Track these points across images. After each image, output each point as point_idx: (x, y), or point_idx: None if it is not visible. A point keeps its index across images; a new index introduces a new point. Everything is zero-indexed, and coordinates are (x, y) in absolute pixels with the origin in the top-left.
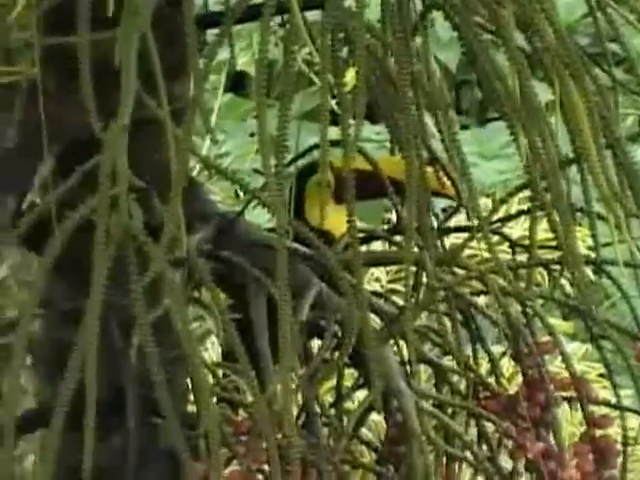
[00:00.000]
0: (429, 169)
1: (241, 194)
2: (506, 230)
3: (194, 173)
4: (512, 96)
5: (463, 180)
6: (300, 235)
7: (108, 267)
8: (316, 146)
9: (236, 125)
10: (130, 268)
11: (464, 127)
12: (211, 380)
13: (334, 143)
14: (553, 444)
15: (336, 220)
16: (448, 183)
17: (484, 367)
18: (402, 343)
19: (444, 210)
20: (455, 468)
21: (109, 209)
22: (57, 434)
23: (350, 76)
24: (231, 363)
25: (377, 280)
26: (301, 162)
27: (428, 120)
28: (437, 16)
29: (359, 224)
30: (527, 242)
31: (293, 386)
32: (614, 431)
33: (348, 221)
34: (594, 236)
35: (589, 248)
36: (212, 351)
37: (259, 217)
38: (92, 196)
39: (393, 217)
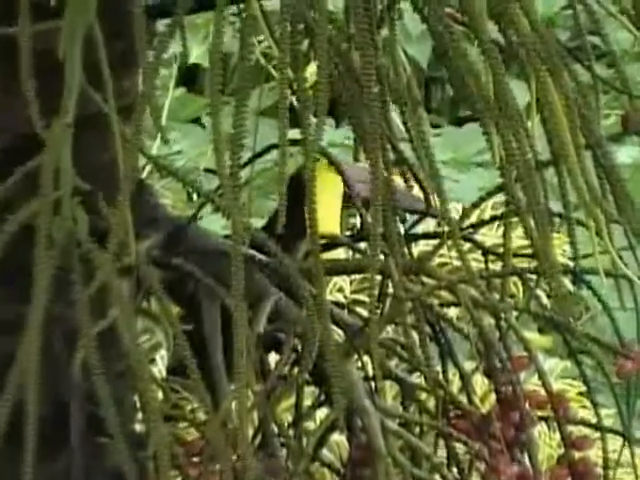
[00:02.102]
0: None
1: (195, 197)
2: (478, 237)
3: (144, 174)
4: (485, 93)
5: (432, 183)
6: (257, 241)
7: (51, 275)
8: (275, 146)
9: (190, 123)
10: (74, 276)
11: (435, 126)
12: (160, 397)
13: (295, 142)
14: (529, 467)
15: (328, 221)
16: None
17: (455, 384)
18: (366, 358)
19: (412, 212)
20: None
21: (51, 213)
22: None
23: (311, 71)
24: (182, 379)
25: (340, 290)
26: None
27: (396, 119)
28: (407, 8)
29: (321, 230)
30: (501, 250)
31: (249, 404)
32: (594, 453)
33: (309, 226)
34: (573, 243)
35: (567, 257)
36: (162, 365)
37: (215, 223)
38: (34, 198)
39: (357, 222)
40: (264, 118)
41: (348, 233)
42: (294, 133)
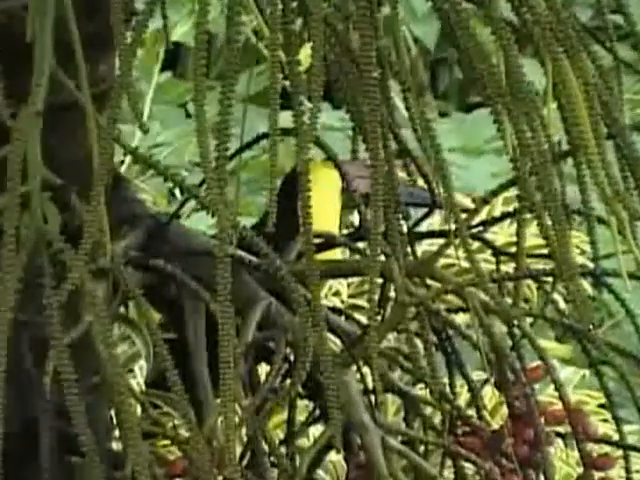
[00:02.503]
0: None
1: (178, 193)
2: (489, 235)
3: (122, 168)
4: (496, 77)
5: (438, 175)
6: (245, 241)
7: (19, 278)
8: (265, 135)
9: (174, 111)
10: (45, 279)
11: (442, 115)
12: (139, 412)
13: (287, 131)
14: None
15: (326, 219)
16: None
17: (463, 397)
18: (366, 369)
19: (417, 205)
20: None
21: (19, 209)
22: None
23: (305, 53)
24: (163, 392)
25: (336, 294)
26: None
27: (398, 104)
28: None
29: (318, 229)
30: (513, 250)
31: (237, 419)
32: (616, 473)
33: (302, 224)
34: (592, 243)
35: (587, 257)
36: (141, 377)
37: (201, 221)
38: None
39: (355, 220)
40: (253, 105)
41: (346, 232)
42: (286, 120)
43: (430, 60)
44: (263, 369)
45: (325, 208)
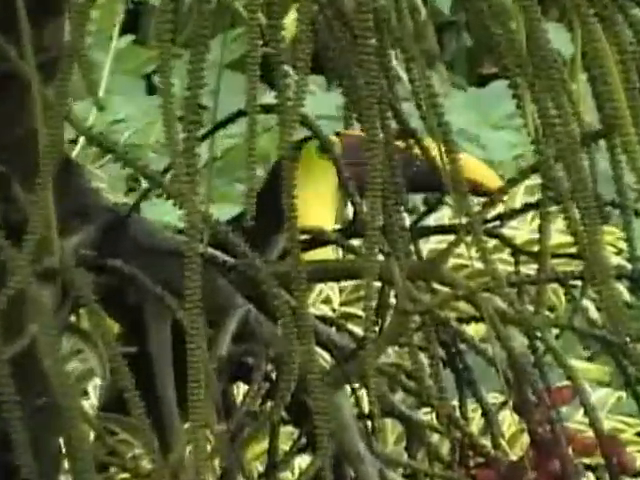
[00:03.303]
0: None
1: (143, 181)
2: (507, 231)
3: (73, 152)
4: (516, 44)
5: (447, 160)
6: (220, 237)
7: None
8: (242, 113)
9: (136, 82)
10: None
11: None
12: (93, 439)
13: (268, 108)
14: None
15: (320, 213)
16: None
17: (476, 423)
18: (361, 389)
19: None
20: None
21: None
22: None
23: (291, 18)
24: (121, 416)
25: (327, 301)
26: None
27: (401, 75)
28: None
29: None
30: (536, 248)
31: (208, 449)
32: None
33: (287, 218)
34: (629, 240)
35: (623, 257)
36: (95, 398)
37: (166, 213)
38: None
39: (349, 213)
40: (229, 73)
41: (338, 227)
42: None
43: (435, 24)
44: (240, 389)
45: (319, 203)
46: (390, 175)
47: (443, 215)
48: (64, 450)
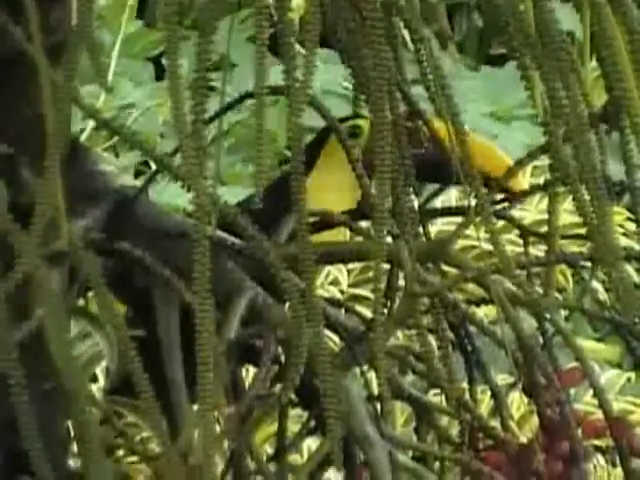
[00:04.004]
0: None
1: (152, 164)
2: (515, 213)
3: (83, 135)
4: (524, 25)
5: (456, 141)
6: (228, 220)
7: None
8: (250, 95)
9: (145, 65)
10: None
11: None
12: (102, 423)
13: (277, 90)
14: None
15: (338, 199)
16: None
17: (485, 405)
18: (370, 372)
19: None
20: None
21: None
22: None
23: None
24: (130, 399)
25: (335, 283)
26: None
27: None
28: None
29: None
30: (545, 229)
31: (217, 431)
32: None
33: (295, 200)
34: (638, 221)
35: (632, 238)
36: (104, 382)
37: (176, 196)
38: None
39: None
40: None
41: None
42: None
43: (446, 5)
44: (249, 372)
45: (338, 188)
46: (399, 157)
47: (450, 197)
48: (72, 434)
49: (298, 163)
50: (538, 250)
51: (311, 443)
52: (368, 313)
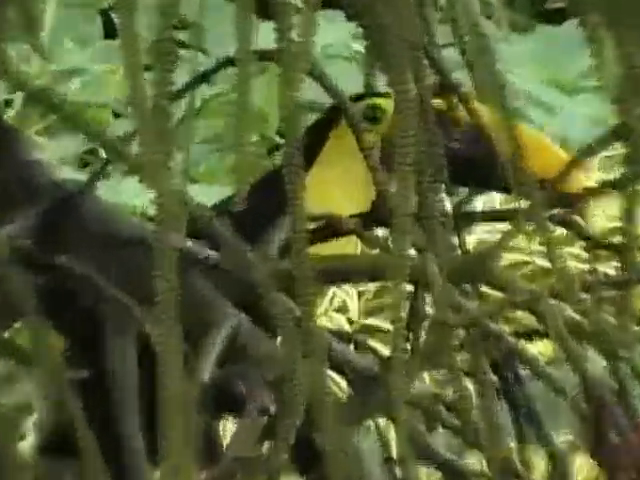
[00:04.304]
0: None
1: (102, 152)
2: (578, 218)
3: (9, 112)
4: None
5: (502, 128)
6: (202, 226)
7: None
8: (229, 62)
9: (90, 20)
10: None
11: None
12: None
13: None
14: None
15: (347, 197)
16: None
17: (540, 471)
18: (388, 427)
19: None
20: None
21: None
22: None
23: None
24: (68, 460)
25: (342, 310)
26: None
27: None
28: None
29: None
30: (618, 240)
31: None
32: None
33: (291, 201)
34: None
35: None
36: (35, 439)
37: (133, 192)
38: None
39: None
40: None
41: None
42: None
43: None
44: (229, 425)
45: (348, 184)
46: (426, 144)
47: (493, 198)
48: None
49: (294, 151)
50: (610, 267)
51: None
52: (385, 349)
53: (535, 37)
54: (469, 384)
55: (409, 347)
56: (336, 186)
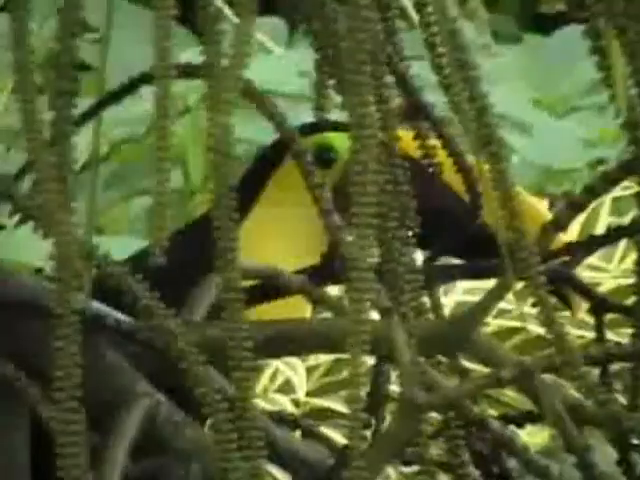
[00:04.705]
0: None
1: None
2: (585, 274)
3: None
4: None
5: (482, 154)
6: (111, 284)
7: None
8: (145, 78)
9: None
10: None
11: (499, 37)
12: None
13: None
14: None
15: (291, 252)
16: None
17: None
18: None
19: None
20: None
21: None
22: None
23: None
24: None
25: (286, 389)
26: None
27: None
28: None
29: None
30: (630, 301)
31: None
32: None
33: (218, 255)
34: None
35: None
36: None
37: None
38: None
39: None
40: (136, 10)
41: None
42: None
43: None
44: None
45: (296, 234)
46: (390, 180)
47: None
48: None
49: (226, 193)
50: (620, 335)
51: None
52: (340, 438)
53: (521, 48)
54: None
55: (370, 435)
56: (279, 234)
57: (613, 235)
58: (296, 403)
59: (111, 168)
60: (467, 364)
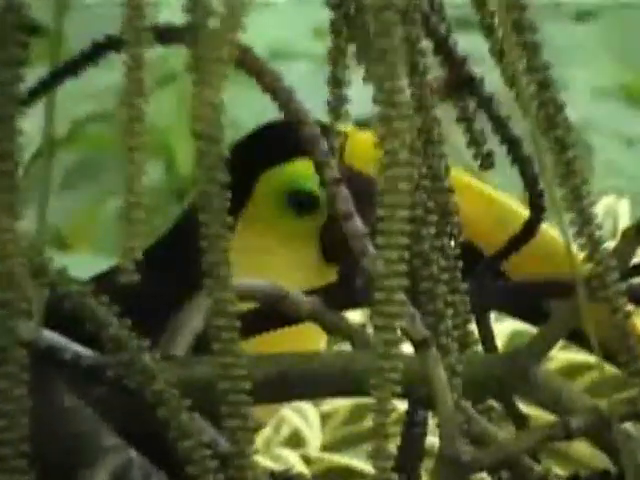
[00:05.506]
0: None
1: None
2: None
3: None
4: None
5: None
6: (69, 308)
7: None
8: (107, 45)
9: None
10: None
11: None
12: None
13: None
14: None
15: (296, 267)
16: None
17: None
18: None
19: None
20: None
21: None
22: None
23: None
24: None
25: (295, 442)
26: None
27: None
28: None
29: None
30: None
31: None
32: None
33: (205, 270)
34: None
35: None
36: None
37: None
38: None
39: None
40: None
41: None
42: None
43: None
44: None
45: (303, 247)
46: (427, 175)
47: None
48: None
49: (214, 191)
50: None
51: None
52: None
53: (605, 21)
54: None
55: None
56: (281, 244)
57: None
58: (307, 460)
59: (73, 158)
60: (526, 410)
